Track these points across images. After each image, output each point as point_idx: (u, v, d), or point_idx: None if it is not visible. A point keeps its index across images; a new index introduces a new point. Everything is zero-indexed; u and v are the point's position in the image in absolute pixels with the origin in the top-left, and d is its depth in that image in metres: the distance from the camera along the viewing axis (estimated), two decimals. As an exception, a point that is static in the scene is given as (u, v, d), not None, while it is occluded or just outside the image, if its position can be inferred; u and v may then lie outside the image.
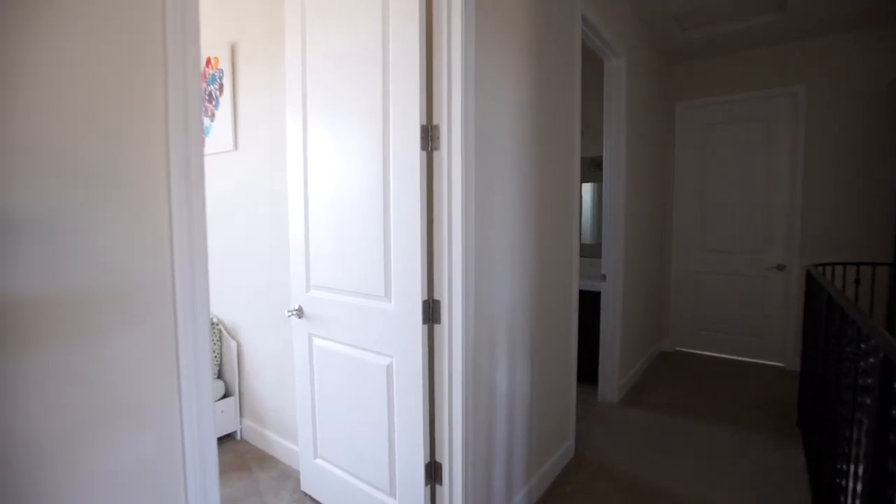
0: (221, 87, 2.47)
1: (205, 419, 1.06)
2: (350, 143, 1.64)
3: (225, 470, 2.31)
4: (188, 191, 1.02)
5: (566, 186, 2.19)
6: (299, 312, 1.91)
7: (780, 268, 3.75)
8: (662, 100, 4.03)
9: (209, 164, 2.72)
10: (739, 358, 4.01)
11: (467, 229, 1.45)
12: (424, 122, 1.45)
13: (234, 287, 2.68)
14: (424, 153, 1.46)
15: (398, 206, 1.51)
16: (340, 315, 1.75)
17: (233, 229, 2.63)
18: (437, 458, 1.58)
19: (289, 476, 2.24)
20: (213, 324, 2.67)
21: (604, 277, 3.08)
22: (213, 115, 2.56)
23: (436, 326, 1.52)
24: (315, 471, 1.97)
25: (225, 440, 2.63)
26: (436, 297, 1.51)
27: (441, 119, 1.45)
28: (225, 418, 2.60)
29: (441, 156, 1.45)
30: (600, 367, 3.15)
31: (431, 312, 1.52)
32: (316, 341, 1.89)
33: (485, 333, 1.60)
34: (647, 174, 3.61)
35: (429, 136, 1.47)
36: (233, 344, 2.65)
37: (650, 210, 3.78)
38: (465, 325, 1.47)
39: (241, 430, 2.68)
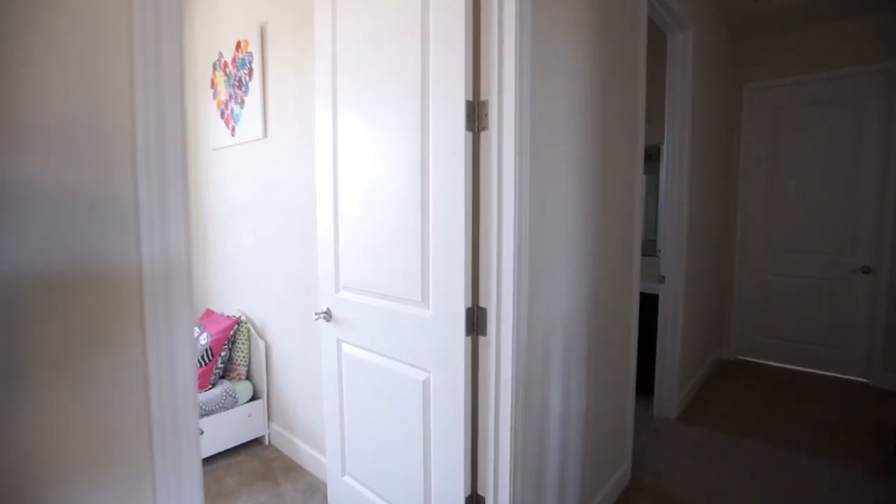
0: (251, 71, 2.33)
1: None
2: (384, 126, 1.44)
3: (250, 480, 2.18)
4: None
5: (628, 177, 1.91)
6: (327, 315, 1.74)
7: (866, 270, 3.29)
8: (728, 82, 3.63)
9: (239, 153, 2.59)
10: (813, 370, 3.58)
11: (521, 223, 1.22)
12: (470, 98, 1.22)
13: (262, 283, 2.55)
14: (470, 134, 1.23)
15: (438, 195, 1.29)
16: (372, 320, 1.56)
17: (261, 223, 2.50)
18: (480, 491, 1.36)
19: (316, 490, 2.09)
20: (241, 322, 2.56)
21: (663, 279, 2.76)
22: (242, 102, 2.43)
23: (481, 338, 1.30)
24: (343, 489, 1.79)
25: (252, 445, 2.51)
26: (481, 304, 1.28)
27: (490, 93, 1.22)
28: (252, 422, 2.48)
29: (490, 137, 1.22)
30: (657, 377, 2.84)
31: (476, 322, 1.29)
32: (345, 348, 1.71)
33: (538, 346, 1.37)
34: (710, 164, 3.24)
35: (475, 114, 1.24)
36: (261, 344, 2.52)
37: (712, 204, 3.41)
38: (517, 337, 1.24)
39: (269, 434, 2.56)
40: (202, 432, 2.09)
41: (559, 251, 1.44)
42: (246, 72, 2.36)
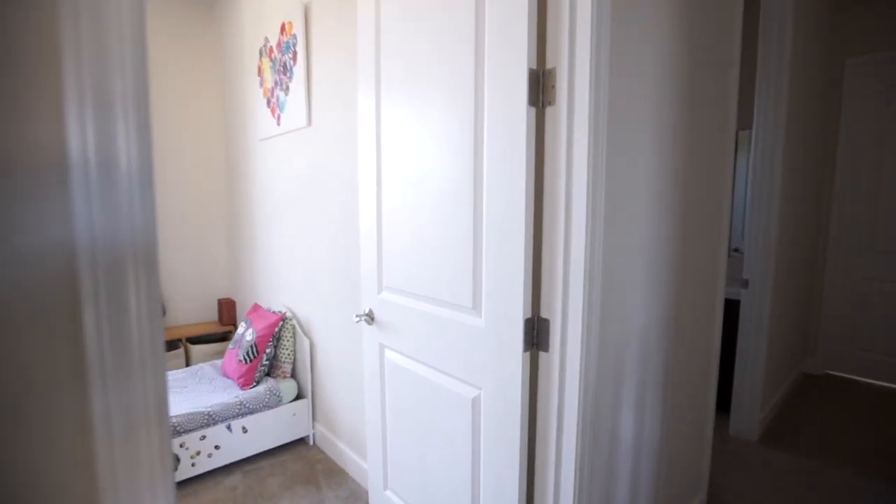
0: (295, 54, 2.23)
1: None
2: (431, 105, 1.27)
3: (292, 482, 2.11)
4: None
5: (717, 167, 1.62)
6: (369, 317, 1.60)
7: None
8: (827, 55, 3.16)
9: (285, 143, 2.52)
10: (924, 391, 3.07)
11: (594, 219, 1.01)
12: (534, 65, 1.02)
13: (306, 279, 2.47)
14: (533, 110, 1.03)
15: (493, 184, 1.10)
16: (417, 326, 1.40)
17: (305, 215, 2.41)
18: (538, 530, 1.17)
19: (358, 498, 1.98)
20: (286, 318, 2.50)
21: (745, 283, 2.42)
22: (287, 88, 2.34)
23: (541, 355, 1.10)
24: (384, 504, 1.66)
25: (296, 445, 2.45)
26: (543, 314, 1.09)
27: (558, 60, 1.01)
28: (297, 422, 2.42)
29: (557, 113, 1.02)
30: (735, 394, 2.51)
31: (537, 335, 1.10)
32: (388, 354, 1.56)
33: (609, 366, 1.15)
34: (804, 152, 2.82)
35: (540, 85, 1.04)
36: (306, 342, 2.45)
37: (804, 198, 2.98)
38: (585, 353, 1.03)
39: (313, 434, 2.49)
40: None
41: (637, 253, 1.21)
42: (290, 55, 2.27)
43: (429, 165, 1.29)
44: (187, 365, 3.22)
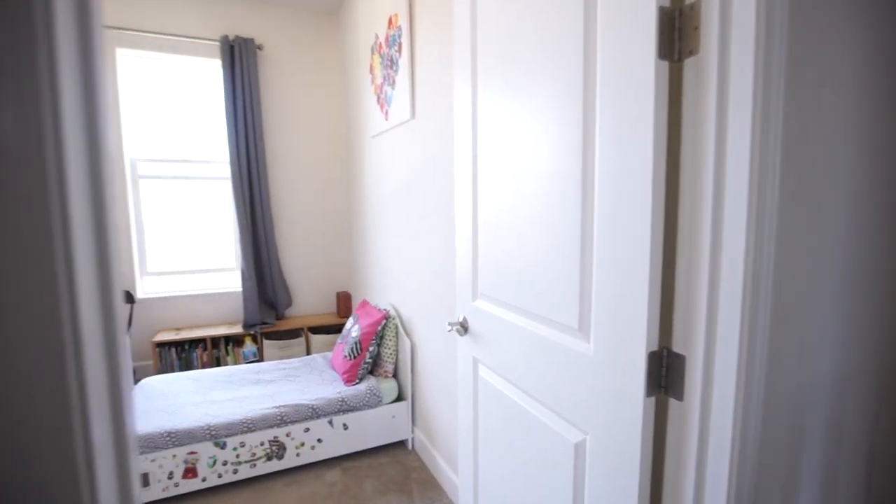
0: (400, 47, 2.16)
1: None
2: (528, 72, 1.03)
3: (387, 488, 2.05)
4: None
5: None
6: (462, 327, 1.43)
7: None
8: None
9: (391, 138, 2.48)
10: None
11: (759, 219, 0.69)
12: (666, 2, 0.73)
13: (409, 278, 2.40)
14: (665, 65, 0.74)
15: (608, 170, 0.84)
16: (513, 343, 1.18)
17: (407, 212, 2.34)
18: None
19: (450, 519, 1.83)
20: (389, 317, 2.46)
21: None
22: (393, 83, 2.28)
23: (672, 402, 0.80)
24: (475, 537, 1.48)
25: (395, 448, 2.41)
26: (676, 348, 0.79)
27: (708, -10, 0.70)
28: (396, 424, 2.37)
29: (703, 66, 0.71)
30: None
31: (665, 376, 0.81)
32: (482, 371, 1.37)
33: (780, 425, 0.80)
34: None
35: (676, 29, 0.74)
36: (407, 343, 2.38)
37: None
38: (742, 410, 0.71)
39: (412, 439, 2.42)
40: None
41: (827, 267, 0.83)
42: (396, 48, 2.20)
43: (526, 151, 1.06)
44: (307, 353, 3.43)
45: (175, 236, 3.42)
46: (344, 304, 3.66)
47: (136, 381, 2.75)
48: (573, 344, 0.96)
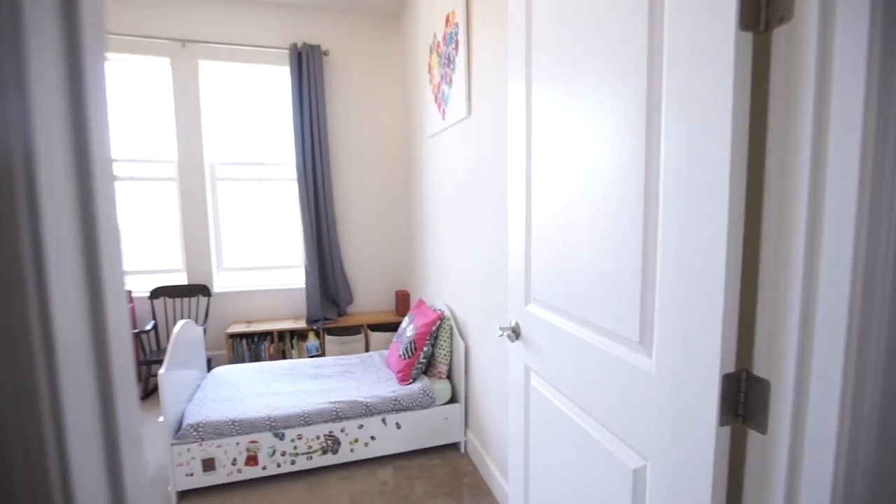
0: (457, 44, 2.12)
1: None
2: (588, 69, 0.94)
3: (437, 491, 2.02)
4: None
5: None
6: (514, 332, 1.35)
7: None
8: None
9: (448, 137, 2.45)
10: None
11: (873, 225, 0.56)
12: (754, -39, 0.62)
13: (463, 279, 2.36)
14: (749, 36, 0.63)
15: (676, 164, 0.73)
16: (566, 352, 1.10)
17: (461, 211, 2.29)
18: None
19: (501, 531, 1.76)
20: (443, 317, 2.43)
21: None
22: (450, 81, 2.25)
23: (752, 435, 0.69)
24: (525, 555, 1.40)
25: (448, 450, 2.37)
26: (758, 371, 0.67)
27: (806, -57, 0.59)
28: (449, 426, 2.33)
29: (797, 38, 0.60)
30: None
31: (745, 403, 0.69)
32: (534, 380, 1.29)
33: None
34: None
35: (766, -5, 0.63)
36: (461, 344, 2.34)
37: None
38: (846, 455, 0.59)
39: (465, 442, 2.37)
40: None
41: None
42: (453, 46, 2.16)
43: (580, 147, 0.97)
44: (366, 349, 3.50)
45: (247, 235, 3.63)
46: (403, 303, 3.69)
47: (210, 369, 2.95)
48: (632, 358, 0.86)
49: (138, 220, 3.41)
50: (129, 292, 3.20)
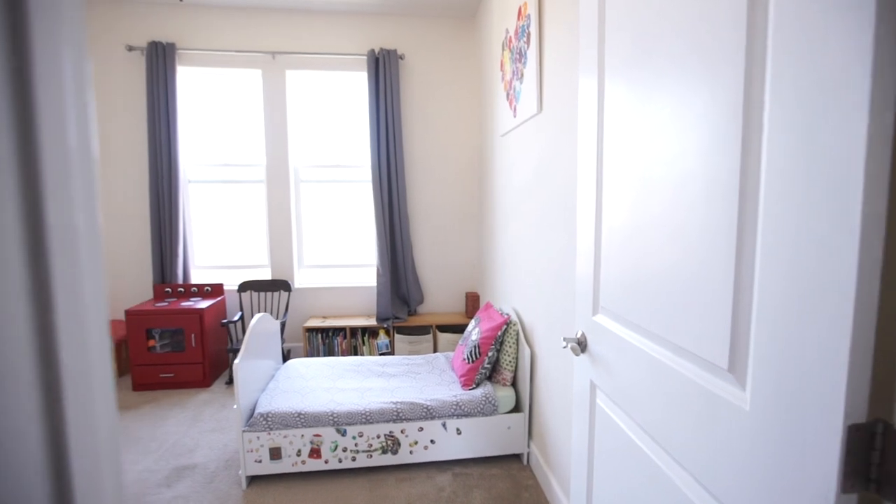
0: (528, 37, 2.00)
1: None
2: (669, 51, 0.80)
3: (495, 503, 1.91)
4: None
5: None
6: (579, 344, 1.22)
7: None
8: None
9: (519, 135, 2.33)
10: None
11: None
12: None
13: (531, 283, 2.23)
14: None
15: (785, 152, 0.58)
16: (637, 372, 0.95)
17: (531, 212, 2.17)
18: None
19: (564, 559, 1.61)
20: (509, 322, 2.32)
21: None
22: (521, 76, 2.14)
23: (891, 506, 0.51)
24: None
25: (509, 460, 2.26)
26: (901, 422, 0.50)
27: None
28: (511, 436, 2.22)
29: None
30: None
31: (881, 464, 0.52)
32: (600, 400, 1.15)
33: None
34: None
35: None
36: (527, 351, 2.21)
37: None
38: None
39: (528, 454, 2.24)
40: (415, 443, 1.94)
41: None
42: (525, 40, 2.05)
43: (656, 142, 0.83)
44: (434, 350, 3.48)
45: (326, 234, 3.79)
46: (472, 305, 3.62)
47: (287, 360, 3.10)
48: (719, 388, 0.71)
49: (232, 220, 3.70)
50: (221, 285, 3.48)
